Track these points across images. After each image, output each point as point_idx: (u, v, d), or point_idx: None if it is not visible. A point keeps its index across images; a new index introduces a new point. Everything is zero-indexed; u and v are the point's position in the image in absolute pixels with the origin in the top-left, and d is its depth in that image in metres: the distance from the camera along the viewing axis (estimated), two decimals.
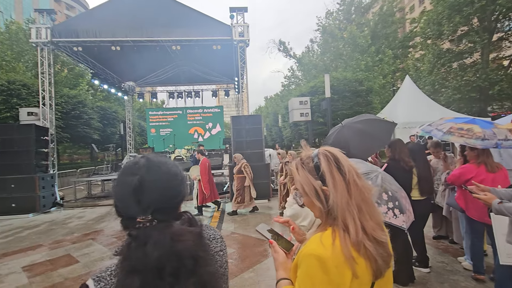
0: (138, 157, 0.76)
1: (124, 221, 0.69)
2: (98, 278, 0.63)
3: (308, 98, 12.44)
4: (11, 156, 7.84)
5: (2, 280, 3.71)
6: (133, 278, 0.58)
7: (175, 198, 0.74)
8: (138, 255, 0.61)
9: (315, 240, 0.80)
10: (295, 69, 28.68)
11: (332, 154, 0.87)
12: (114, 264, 0.66)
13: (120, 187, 0.70)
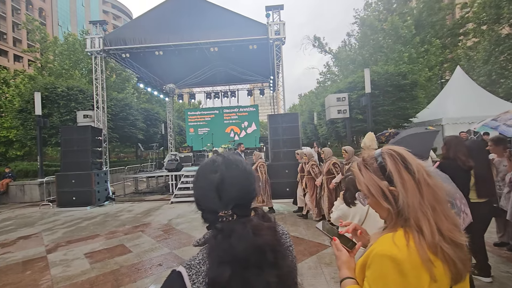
0: (215, 156, 0.82)
1: (206, 214, 0.75)
2: (188, 265, 0.68)
3: (346, 94, 12.01)
4: (71, 154, 8.77)
5: (69, 264, 4.18)
6: (224, 268, 0.63)
7: (250, 195, 0.78)
8: (225, 246, 0.66)
9: (386, 240, 0.78)
10: (331, 65, 27.82)
11: (397, 153, 0.84)
12: (201, 253, 0.71)
13: (202, 183, 0.76)
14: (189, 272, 0.67)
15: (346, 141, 20.24)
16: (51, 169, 13.17)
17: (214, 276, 0.64)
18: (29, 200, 10.38)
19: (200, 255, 0.71)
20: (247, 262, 0.65)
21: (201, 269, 0.67)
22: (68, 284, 3.52)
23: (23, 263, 4.32)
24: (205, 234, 0.75)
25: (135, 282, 3.52)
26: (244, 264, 0.65)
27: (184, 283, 0.65)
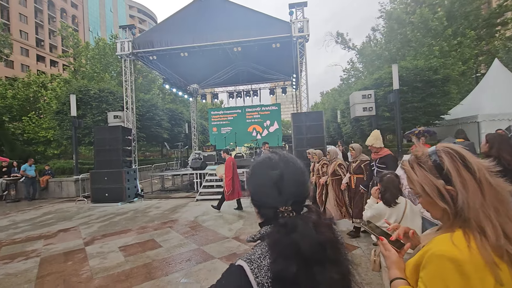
0: (269, 154, 0.84)
1: (263, 210, 0.77)
2: (249, 260, 0.70)
3: (372, 91, 11.62)
4: (104, 153, 9.26)
5: (105, 256, 4.43)
6: (289, 263, 0.65)
7: (306, 191, 0.80)
8: (288, 242, 0.67)
9: (444, 241, 0.76)
10: (355, 61, 27.02)
11: (456, 151, 0.81)
12: (258, 248, 0.73)
13: (260, 180, 0.79)
14: (250, 266, 0.68)
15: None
16: (85, 167, 13.98)
17: (280, 270, 0.65)
18: (66, 196, 11.11)
19: (258, 250, 0.72)
20: (311, 258, 0.66)
21: (262, 263, 0.68)
22: (105, 275, 3.73)
23: (64, 254, 4.64)
24: (261, 230, 0.77)
25: (167, 275, 3.66)
26: (308, 260, 0.66)
27: (247, 277, 0.66)
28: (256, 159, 0.88)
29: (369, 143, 4.21)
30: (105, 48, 22.49)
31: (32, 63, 42.23)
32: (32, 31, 43.63)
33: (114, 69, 22.36)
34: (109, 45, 22.99)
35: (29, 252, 4.80)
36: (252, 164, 0.87)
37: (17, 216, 7.99)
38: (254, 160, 0.89)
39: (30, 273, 3.91)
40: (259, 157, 0.88)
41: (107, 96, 14.34)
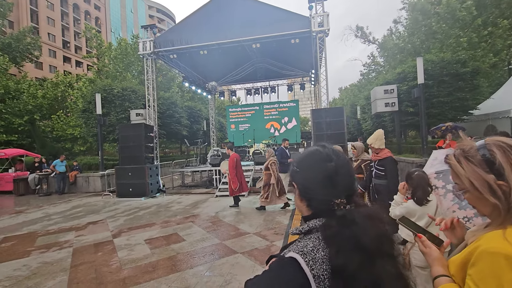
0: (316, 146, 0.84)
1: (315, 203, 0.78)
2: (302, 252, 0.69)
3: (395, 86, 11.24)
4: (128, 149, 9.59)
5: (132, 248, 4.61)
6: (352, 256, 0.65)
7: (356, 184, 0.81)
8: (347, 234, 0.67)
9: (496, 237, 0.73)
10: (376, 55, 26.16)
11: (508, 144, 0.77)
12: (309, 241, 0.73)
13: (313, 172, 0.79)
14: (305, 259, 0.67)
15: (393, 136, 18.97)
16: (109, 163, 14.56)
17: (342, 264, 0.65)
18: (93, 190, 11.63)
19: (310, 243, 0.72)
20: (373, 251, 0.66)
21: (316, 256, 0.68)
22: (134, 266, 3.88)
23: (94, 245, 4.88)
24: (309, 223, 0.77)
25: (191, 268, 3.75)
26: (370, 253, 0.66)
27: (302, 269, 0.66)
28: (303, 152, 0.88)
29: (369, 142, 4.09)
30: (126, 48, 23.19)
31: (59, 64, 44.34)
32: (59, 33, 45.74)
33: (135, 68, 23.02)
34: (130, 45, 23.68)
35: (62, 242, 5.09)
36: (298, 157, 0.87)
37: (49, 208, 8.47)
38: (301, 153, 0.88)
39: (65, 262, 4.14)
40: (305, 150, 0.88)
41: (129, 94, 14.80)
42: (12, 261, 4.30)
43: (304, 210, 0.83)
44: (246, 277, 3.05)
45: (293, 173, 0.85)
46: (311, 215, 0.80)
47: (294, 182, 0.85)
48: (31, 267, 4.01)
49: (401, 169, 10.14)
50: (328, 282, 0.65)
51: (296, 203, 0.87)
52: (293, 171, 0.86)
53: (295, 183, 0.84)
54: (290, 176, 0.88)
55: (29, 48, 24.23)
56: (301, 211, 0.87)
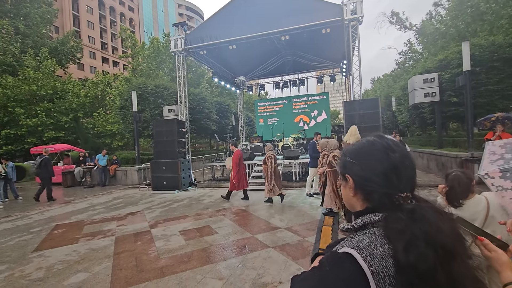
0: (371, 137, 0.78)
1: (377, 196, 0.72)
2: (358, 248, 0.65)
3: (436, 74, 10.44)
4: (162, 144, 10.00)
5: (168, 239, 4.81)
6: (425, 253, 0.59)
7: (416, 178, 0.75)
8: (418, 230, 0.62)
9: None
10: (414, 42, 24.40)
11: None
12: (365, 237, 0.68)
13: (377, 163, 0.73)
14: (361, 254, 0.63)
15: (432, 129, 17.70)
16: (144, 157, 15.34)
17: (412, 260, 0.59)
18: (131, 183, 12.35)
19: (365, 238, 0.67)
20: (446, 249, 0.60)
21: (374, 251, 0.63)
22: (170, 256, 4.05)
23: (134, 234, 5.17)
24: (364, 218, 0.72)
25: (225, 260, 3.82)
26: (443, 252, 0.60)
27: (359, 265, 0.61)
28: (357, 143, 0.82)
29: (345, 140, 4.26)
30: (158, 46, 24.08)
31: (98, 64, 47.40)
32: (98, 36, 48.78)
33: (167, 66, 23.86)
34: (162, 43, 24.54)
35: (105, 231, 5.47)
36: (352, 148, 0.81)
37: (93, 199, 9.15)
38: (355, 144, 0.82)
39: (108, 250, 4.44)
40: (360, 141, 0.82)
41: (162, 91, 15.40)
42: (64, 246, 4.71)
43: (357, 205, 0.78)
44: (279, 272, 3.02)
45: (347, 165, 0.79)
46: (365, 210, 0.74)
47: (347, 174, 0.79)
48: (80, 253, 4.36)
49: (442, 164, 9.45)
50: (389, 280, 0.60)
51: (346, 197, 0.82)
52: (347, 163, 0.79)
53: (348, 175, 0.78)
54: (342, 168, 0.82)
55: (73, 50, 26.14)
56: (351, 206, 0.81)
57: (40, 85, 18.85)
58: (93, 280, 3.44)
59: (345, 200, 0.84)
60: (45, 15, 24.67)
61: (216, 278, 3.32)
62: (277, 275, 3.31)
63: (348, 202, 0.82)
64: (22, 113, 18.17)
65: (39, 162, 9.26)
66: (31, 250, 4.59)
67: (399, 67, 28.01)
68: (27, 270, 3.83)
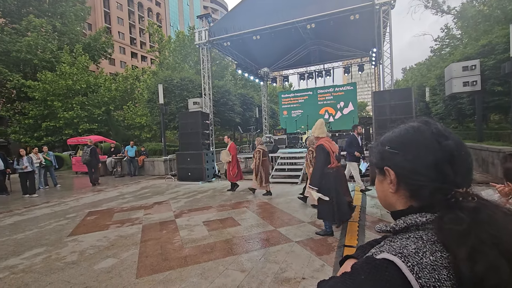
0: (414, 122, 0.65)
1: (428, 192, 0.59)
2: (402, 255, 0.54)
3: (477, 61, 9.56)
4: (187, 136, 10.18)
5: (192, 229, 4.88)
6: (499, 262, 0.47)
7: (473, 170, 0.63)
8: (485, 234, 0.50)
9: None
10: (452, 27, 22.52)
11: None
12: (409, 241, 0.56)
13: (427, 152, 0.60)
14: (406, 263, 0.51)
15: (471, 121, 16.38)
16: (170, 149, 15.82)
17: (481, 272, 0.47)
18: (157, 174, 12.79)
19: (410, 244, 0.55)
20: None
21: (422, 260, 0.51)
22: (194, 246, 4.10)
23: (160, 223, 5.32)
24: (407, 219, 0.60)
25: (247, 253, 3.79)
26: None
27: (404, 276, 0.50)
28: (397, 129, 0.68)
29: (311, 132, 4.46)
30: (184, 39, 24.44)
31: (127, 59, 49.32)
32: (127, 31, 50.61)
33: (192, 59, 24.18)
34: (187, 37, 24.86)
35: (133, 219, 5.69)
36: (391, 136, 0.67)
37: (123, 189, 9.59)
38: (394, 131, 0.68)
39: (136, 237, 4.61)
40: (400, 127, 0.68)
41: (187, 84, 15.64)
42: (95, 232, 4.96)
43: (398, 203, 0.65)
44: (302, 267, 2.89)
45: (386, 155, 0.66)
46: (409, 209, 0.62)
47: (387, 166, 0.65)
48: (110, 239, 4.56)
49: (482, 159, 8.70)
50: None
51: (383, 193, 0.69)
52: (386, 153, 0.66)
53: (388, 168, 0.65)
54: (379, 160, 0.69)
55: (104, 46, 27.33)
56: (388, 204, 0.68)
57: (75, 80, 20.00)
58: (121, 266, 3.57)
59: (380, 197, 0.71)
60: (78, 13, 25.93)
61: (238, 270, 3.30)
62: (300, 270, 3.22)
63: (384, 200, 0.69)
64: (60, 107, 19.44)
65: (89, 151, 10.59)
66: (66, 235, 4.90)
67: (434, 55, 26.09)
68: (62, 253, 4.08)
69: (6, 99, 22.21)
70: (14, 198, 8.76)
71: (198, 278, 3.16)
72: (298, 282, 2.97)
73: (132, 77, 25.09)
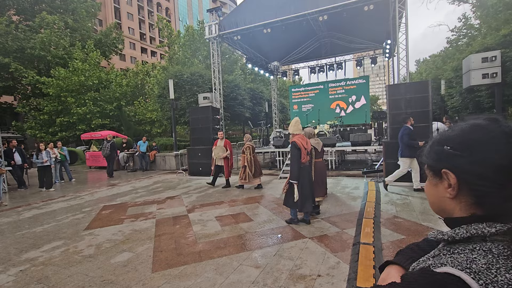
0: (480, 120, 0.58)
1: (498, 199, 0.52)
2: (469, 270, 0.48)
3: (498, 52, 9.13)
4: (197, 131, 10.21)
5: (205, 224, 4.90)
6: None
7: None
8: None
9: None
10: (470, 17, 21.61)
11: None
12: (480, 255, 0.50)
13: (499, 155, 0.53)
14: (478, 281, 0.45)
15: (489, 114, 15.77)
16: (181, 143, 15.94)
17: None
18: (169, 168, 12.93)
19: (480, 258, 0.49)
20: None
21: (497, 279, 0.45)
22: (207, 241, 4.12)
23: (173, 218, 5.36)
24: (472, 228, 0.53)
25: (261, 248, 3.78)
26: None
27: None
28: (459, 128, 0.60)
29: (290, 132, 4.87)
30: (193, 34, 24.38)
31: (137, 54, 49.71)
32: (137, 27, 50.91)
33: (201, 54, 24.14)
34: (197, 31, 24.80)
35: (147, 214, 5.76)
36: (452, 135, 0.60)
37: (135, 183, 9.74)
38: (456, 130, 0.60)
39: (150, 232, 4.66)
40: (462, 126, 0.60)
41: (197, 79, 15.64)
42: (111, 226, 5.05)
43: (456, 209, 0.59)
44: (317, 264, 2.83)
45: (445, 157, 0.59)
46: (471, 217, 0.55)
47: (446, 169, 0.58)
48: (125, 233, 4.63)
49: None
50: None
51: (438, 198, 0.62)
52: (445, 154, 0.59)
53: (448, 171, 0.58)
54: (435, 161, 0.62)
55: (115, 42, 27.59)
56: (443, 210, 0.62)
57: (87, 76, 20.31)
58: (137, 260, 3.61)
59: (433, 201, 0.64)
60: (89, 9, 26.20)
61: (252, 266, 3.29)
62: (316, 268, 3.17)
63: (438, 205, 0.63)
64: (73, 102, 19.82)
65: (109, 146, 11.49)
66: (83, 228, 5.00)
67: (450, 46, 25.19)
68: (79, 246, 4.16)
69: (22, 95, 22.82)
70: (32, 192, 9.03)
71: (213, 273, 3.17)
72: (314, 280, 2.93)
73: (143, 72, 25.29)
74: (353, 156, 14.03)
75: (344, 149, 11.26)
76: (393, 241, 3.80)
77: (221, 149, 7.99)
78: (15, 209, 6.77)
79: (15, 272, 3.46)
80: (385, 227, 4.31)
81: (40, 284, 3.12)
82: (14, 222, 5.66)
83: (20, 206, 7.12)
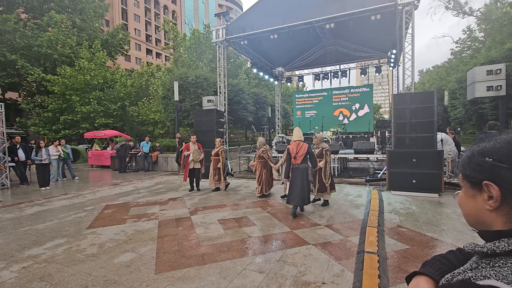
0: None
1: None
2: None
3: (503, 65, 9.17)
4: (201, 134, 10.21)
5: (208, 227, 4.89)
6: None
7: None
8: None
9: None
10: (474, 29, 21.74)
11: None
12: None
13: None
14: None
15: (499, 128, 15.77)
16: None
17: None
18: (171, 169, 12.93)
19: None
20: None
21: None
22: (210, 244, 4.11)
23: (176, 220, 5.35)
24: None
25: (264, 254, 3.76)
26: None
27: None
28: (502, 140, 0.59)
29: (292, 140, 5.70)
30: (199, 37, 24.59)
31: (143, 56, 50.08)
32: (143, 28, 51.38)
33: (206, 57, 24.32)
34: (203, 35, 25.00)
35: (149, 214, 5.75)
36: (499, 146, 0.59)
37: (138, 183, 9.73)
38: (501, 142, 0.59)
39: (152, 232, 4.65)
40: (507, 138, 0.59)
41: (202, 82, 15.73)
42: (113, 226, 5.04)
43: (497, 222, 0.58)
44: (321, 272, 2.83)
45: (488, 168, 0.58)
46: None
47: (489, 180, 0.58)
48: (128, 233, 4.62)
49: None
50: None
51: (475, 210, 0.62)
52: (487, 165, 0.58)
53: (490, 183, 0.57)
54: (477, 172, 0.61)
55: (121, 43, 27.83)
56: (480, 222, 0.62)
57: (93, 75, 20.45)
58: (140, 260, 3.60)
59: (470, 213, 0.64)
60: (97, 9, 26.49)
61: (256, 271, 3.27)
62: (320, 275, 3.16)
63: (475, 217, 0.63)
64: (78, 101, 19.93)
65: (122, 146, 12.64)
66: (85, 227, 5.00)
67: (454, 58, 25.29)
68: (82, 245, 4.16)
69: (27, 92, 22.96)
70: (34, 189, 9.03)
71: (217, 277, 3.16)
72: (319, 287, 2.92)
73: (147, 73, 25.45)
74: (355, 164, 14.02)
75: (347, 156, 11.26)
76: (398, 250, 3.78)
77: (198, 152, 8.23)
78: (17, 205, 6.78)
79: (17, 268, 3.45)
80: (389, 236, 4.29)
81: (43, 282, 3.11)
82: (17, 218, 5.66)
83: (22, 202, 7.12)
